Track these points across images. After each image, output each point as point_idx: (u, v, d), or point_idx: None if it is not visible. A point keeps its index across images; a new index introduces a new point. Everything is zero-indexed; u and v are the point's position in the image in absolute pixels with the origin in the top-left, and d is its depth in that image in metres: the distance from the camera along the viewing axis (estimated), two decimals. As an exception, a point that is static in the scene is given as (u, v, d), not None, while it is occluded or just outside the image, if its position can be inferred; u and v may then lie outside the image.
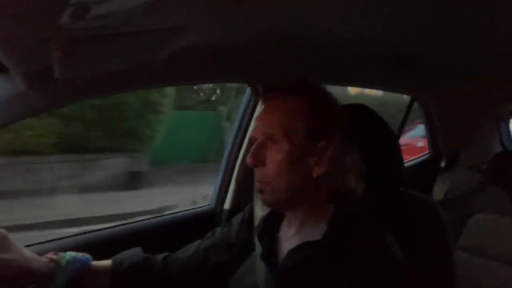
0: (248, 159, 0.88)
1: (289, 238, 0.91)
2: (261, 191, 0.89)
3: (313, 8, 1.03)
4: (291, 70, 1.44)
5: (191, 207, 1.61)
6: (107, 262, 0.99)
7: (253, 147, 0.88)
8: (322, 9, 1.05)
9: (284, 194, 0.86)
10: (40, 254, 0.91)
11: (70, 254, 0.93)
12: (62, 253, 0.92)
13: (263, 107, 0.91)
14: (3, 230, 0.85)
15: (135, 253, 1.03)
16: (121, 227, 1.37)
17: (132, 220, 1.45)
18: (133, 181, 5.51)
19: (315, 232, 0.86)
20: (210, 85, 7.43)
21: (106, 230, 1.33)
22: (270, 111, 0.88)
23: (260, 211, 1.01)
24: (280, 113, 0.85)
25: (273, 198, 0.88)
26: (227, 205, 1.55)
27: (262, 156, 0.86)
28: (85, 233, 1.29)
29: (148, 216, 1.48)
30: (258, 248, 0.96)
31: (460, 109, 2.11)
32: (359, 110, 1.13)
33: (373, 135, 1.06)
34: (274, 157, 0.85)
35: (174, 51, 1.08)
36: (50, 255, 0.91)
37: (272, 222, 0.96)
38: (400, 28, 1.29)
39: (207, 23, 0.99)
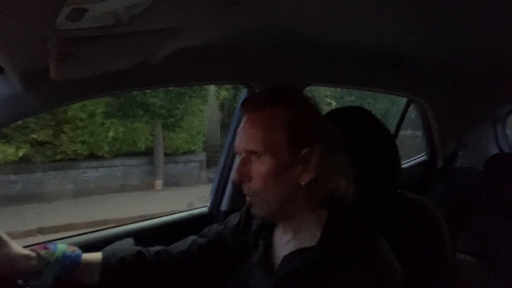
0: (234, 176, 0.88)
1: (284, 244, 0.91)
2: (251, 205, 0.89)
3: (309, 9, 1.03)
4: (288, 71, 1.44)
5: (188, 209, 1.60)
6: (97, 256, 0.96)
7: (238, 163, 0.88)
8: (319, 10, 1.05)
9: (274, 205, 0.86)
10: None
11: (60, 248, 0.91)
12: (52, 246, 0.90)
13: (243, 120, 0.90)
14: None
15: (126, 245, 1.01)
16: (117, 228, 1.36)
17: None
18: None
19: (310, 238, 0.86)
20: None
21: (103, 232, 1.32)
22: (250, 126, 0.87)
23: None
24: (259, 126, 0.85)
25: (264, 211, 0.88)
26: (224, 207, 1.54)
27: (247, 171, 0.86)
28: (83, 233, 1.28)
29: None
30: (254, 253, 0.95)
31: (456, 111, 2.12)
32: (357, 112, 1.13)
33: (370, 137, 1.06)
34: (260, 170, 0.85)
35: (171, 52, 1.08)
36: (40, 248, 0.89)
37: (267, 228, 0.96)
38: (397, 30, 1.30)
39: (204, 24, 0.99)
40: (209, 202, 1.58)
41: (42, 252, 0.88)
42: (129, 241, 1.03)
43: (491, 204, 1.71)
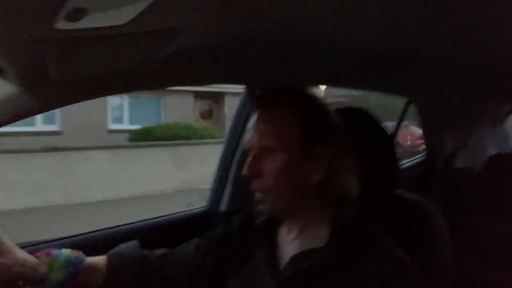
0: (245, 171, 0.88)
1: (289, 242, 0.91)
2: (260, 202, 0.89)
3: (310, 10, 1.03)
4: (288, 72, 1.44)
5: (187, 209, 1.60)
6: (101, 260, 0.98)
7: (249, 159, 0.88)
8: (319, 11, 1.05)
9: (285, 202, 0.87)
10: None
11: (64, 254, 0.92)
12: (56, 252, 0.91)
13: (255, 116, 0.91)
14: None
15: (131, 250, 1.02)
16: (117, 228, 1.36)
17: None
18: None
19: (316, 237, 0.86)
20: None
21: (103, 231, 1.32)
22: (263, 122, 0.88)
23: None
24: (273, 123, 0.87)
25: (274, 208, 0.88)
26: (223, 207, 1.54)
27: (258, 167, 0.87)
28: (83, 233, 1.28)
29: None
30: (258, 252, 0.95)
31: (455, 111, 2.12)
32: (355, 113, 1.13)
33: (369, 137, 1.07)
34: (272, 167, 0.85)
35: (171, 52, 1.07)
36: (44, 254, 0.90)
37: (271, 227, 0.96)
38: (396, 30, 1.29)
39: (204, 24, 0.99)
40: (208, 201, 1.58)
41: (46, 259, 0.90)
42: (135, 243, 1.04)
43: (491, 204, 1.71)
